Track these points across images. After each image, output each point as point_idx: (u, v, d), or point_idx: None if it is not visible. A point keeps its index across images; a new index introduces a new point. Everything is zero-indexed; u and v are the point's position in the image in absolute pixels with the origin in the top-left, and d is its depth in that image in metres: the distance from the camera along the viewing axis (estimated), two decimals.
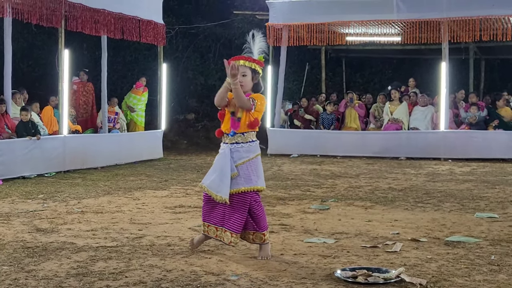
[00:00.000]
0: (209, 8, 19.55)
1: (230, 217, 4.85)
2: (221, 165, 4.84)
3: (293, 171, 11.31)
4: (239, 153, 4.84)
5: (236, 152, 4.84)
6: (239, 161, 4.83)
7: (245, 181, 4.83)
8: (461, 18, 13.37)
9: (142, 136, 13.65)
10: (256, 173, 4.90)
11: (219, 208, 4.89)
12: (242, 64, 4.86)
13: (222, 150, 4.90)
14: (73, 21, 11.25)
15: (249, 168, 4.85)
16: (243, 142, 4.86)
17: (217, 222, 4.90)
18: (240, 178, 4.82)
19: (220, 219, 4.89)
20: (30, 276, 4.30)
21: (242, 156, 4.85)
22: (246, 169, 4.85)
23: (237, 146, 4.86)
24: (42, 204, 7.45)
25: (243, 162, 4.84)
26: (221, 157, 4.87)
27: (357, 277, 4.21)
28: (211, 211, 4.94)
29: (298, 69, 19.35)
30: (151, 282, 4.16)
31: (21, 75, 16.17)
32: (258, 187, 4.89)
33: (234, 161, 4.83)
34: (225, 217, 4.87)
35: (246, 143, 4.87)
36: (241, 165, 4.84)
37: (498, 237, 5.61)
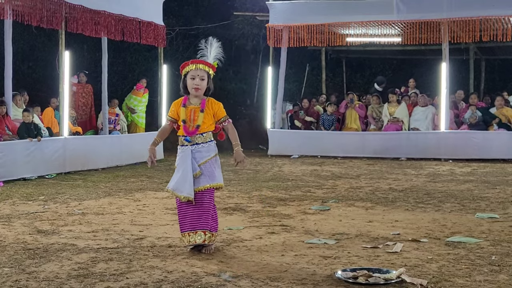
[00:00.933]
0: (209, 9, 19.56)
1: (201, 216, 4.96)
2: (183, 166, 4.98)
3: (293, 172, 11.31)
4: (201, 153, 5.02)
5: (198, 153, 5.02)
6: (201, 161, 5.01)
7: (209, 178, 4.99)
8: (461, 18, 13.37)
9: (143, 138, 13.61)
10: (218, 171, 5.09)
11: (191, 212, 4.98)
12: (201, 68, 5.04)
13: (183, 152, 5.04)
14: (73, 22, 11.25)
15: (212, 166, 5.03)
16: (203, 142, 5.04)
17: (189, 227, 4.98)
18: (205, 176, 4.99)
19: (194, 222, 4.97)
20: (31, 277, 4.30)
21: (204, 156, 5.02)
22: (210, 167, 5.02)
23: (197, 147, 5.02)
24: (43, 205, 7.45)
25: (206, 161, 5.01)
26: (182, 158, 5.02)
27: (357, 277, 4.22)
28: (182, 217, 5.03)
29: (298, 70, 19.35)
30: (152, 283, 4.16)
31: (21, 76, 16.17)
32: (221, 184, 5.08)
33: (197, 161, 4.99)
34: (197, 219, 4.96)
35: (206, 143, 5.05)
36: (204, 164, 5.00)
37: (499, 238, 5.61)
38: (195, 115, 5.03)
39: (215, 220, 5.11)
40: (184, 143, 5.04)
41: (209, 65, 5.09)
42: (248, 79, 19.72)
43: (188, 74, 5.05)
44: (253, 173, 10.90)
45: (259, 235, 5.77)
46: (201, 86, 5.03)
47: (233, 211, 7.08)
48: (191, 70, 5.04)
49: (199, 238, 4.93)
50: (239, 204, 7.55)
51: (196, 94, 5.06)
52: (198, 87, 5.02)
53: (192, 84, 5.02)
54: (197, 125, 5.01)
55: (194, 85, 5.02)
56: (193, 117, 5.04)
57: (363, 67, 20.13)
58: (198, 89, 5.03)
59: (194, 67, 5.04)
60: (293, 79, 19.12)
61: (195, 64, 5.05)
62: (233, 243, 5.42)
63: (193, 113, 5.04)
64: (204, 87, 5.06)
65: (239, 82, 19.67)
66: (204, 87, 5.05)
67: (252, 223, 6.38)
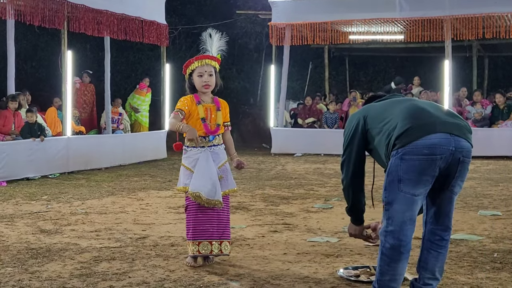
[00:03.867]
0: (211, 8, 19.56)
1: (226, 225, 4.68)
2: (208, 169, 4.61)
3: (296, 170, 11.31)
4: (218, 156, 4.71)
5: (216, 155, 4.70)
6: (219, 163, 4.70)
7: (228, 182, 4.74)
8: (464, 15, 13.34)
9: (146, 137, 13.66)
10: (231, 174, 4.81)
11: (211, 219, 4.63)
12: (208, 63, 4.75)
13: (201, 154, 4.64)
14: (75, 22, 11.26)
15: (228, 170, 4.77)
16: (220, 144, 4.76)
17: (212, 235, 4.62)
18: (225, 180, 4.71)
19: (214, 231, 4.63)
20: (34, 277, 4.31)
21: (221, 158, 4.73)
22: (226, 171, 4.75)
23: (215, 149, 4.71)
24: (46, 205, 7.47)
25: (223, 164, 4.73)
26: (203, 160, 4.62)
27: (360, 275, 4.22)
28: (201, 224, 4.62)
29: (301, 68, 19.34)
30: (154, 283, 4.17)
31: (24, 76, 16.20)
32: (236, 189, 4.85)
33: (216, 164, 4.67)
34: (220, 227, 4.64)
35: (221, 145, 4.78)
36: (221, 167, 4.72)
37: (501, 235, 5.61)
38: (212, 114, 4.72)
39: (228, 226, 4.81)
40: (207, 143, 4.66)
41: (214, 59, 4.81)
42: (251, 77, 19.72)
43: (195, 71, 4.73)
44: (256, 172, 10.90)
45: (261, 233, 5.78)
46: (211, 82, 4.72)
47: (236, 209, 7.08)
48: (197, 68, 4.72)
49: (225, 248, 4.63)
50: (242, 203, 7.56)
51: (206, 91, 4.75)
52: (208, 83, 4.71)
53: (202, 82, 4.71)
54: (217, 124, 4.71)
55: (204, 83, 4.71)
56: (210, 116, 4.72)
57: (366, 65, 20.11)
58: (208, 86, 4.73)
59: (200, 64, 4.72)
60: (296, 77, 19.11)
61: (200, 60, 4.74)
62: (235, 241, 5.41)
63: (210, 112, 4.72)
64: (214, 83, 4.76)
65: (242, 81, 19.67)
66: (213, 83, 4.76)
67: (255, 221, 6.39)
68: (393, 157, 3.41)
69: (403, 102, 3.64)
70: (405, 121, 3.43)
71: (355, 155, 3.69)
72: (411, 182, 3.36)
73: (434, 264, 3.59)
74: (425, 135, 3.35)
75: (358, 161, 3.71)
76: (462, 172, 3.48)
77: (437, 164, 3.35)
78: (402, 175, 3.36)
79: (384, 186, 3.46)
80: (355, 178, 3.74)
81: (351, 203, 3.86)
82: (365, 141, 3.66)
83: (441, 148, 3.34)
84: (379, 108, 3.67)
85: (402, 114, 3.49)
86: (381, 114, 3.59)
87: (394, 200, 3.40)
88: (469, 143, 3.45)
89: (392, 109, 3.59)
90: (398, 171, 3.37)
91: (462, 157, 3.40)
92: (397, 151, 3.38)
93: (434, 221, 3.59)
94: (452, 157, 3.37)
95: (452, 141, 3.36)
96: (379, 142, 3.54)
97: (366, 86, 19.13)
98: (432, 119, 3.43)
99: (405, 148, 3.36)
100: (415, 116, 3.46)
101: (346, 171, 3.74)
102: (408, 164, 3.34)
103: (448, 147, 3.35)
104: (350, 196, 3.82)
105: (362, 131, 3.64)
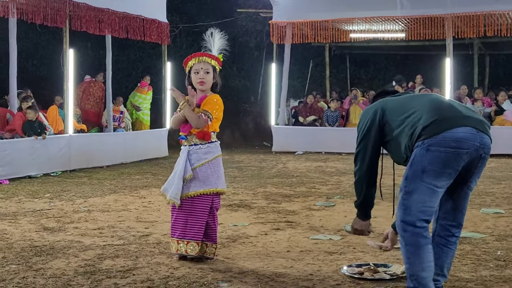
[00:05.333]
0: (212, 6, 19.56)
1: (193, 225, 4.63)
2: (176, 167, 4.70)
3: (298, 168, 11.32)
4: (197, 155, 4.65)
5: (194, 154, 4.66)
6: (197, 163, 4.65)
7: (203, 183, 4.64)
8: (465, 13, 13.34)
9: (147, 135, 13.68)
10: (217, 175, 4.70)
11: (182, 219, 4.65)
12: (205, 60, 4.73)
13: (181, 153, 4.75)
14: (77, 20, 11.28)
15: (208, 170, 4.66)
16: (202, 144, 4.68)
17: (179, 234, 4.64)
18: (197, 181, 4.63)
19: (181, 230, 4.65)
20: (38, 274, 4.32)
21: (200, 158, 4.65)
22: (205, 171, 4.65)
23: (195, 148, 4.67)
24: (49, 203, 7.48)
25: (202, 164, 4.65)
26: (179, 159, 4.71)
27: (363, 273, 4.23)
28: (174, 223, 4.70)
29: (302, 67, 19.35)
30: (158, 280, 4.18)
31: (25, 74, 16.21)
32: (218, 189, 4.69)
33: (192, 163, 4.64)
34: (188, 228, 4.63)
35: (204, 144, 4.68)
36: (199, 167, 4.65)
37: (504, 233, 5.61)
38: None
39: (213, 229, 4.71)
40: (183, 142, 4.73)
41: (213, 58, 4.78)
42: (252, 76, 19.73)
43: (192, 68, 4.72)
44: (257, 170, 10.91)
45: (264, 231, 5.79)
46: (206, 79, 4.68)
47: (238, 207, 7.09)
48: (194, 64, 4.71)
49: (191, 249, 4.60)
50: (244, 201, 7.56)
51: (201, 88, 4.72)
52: (203, 80, 4.68)
53: (197, 79, 4.69)
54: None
55: (199, 79, 4.69)
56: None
57: (367, 63, 20.12)
58: (203, 83, 4.68)
59: (197, 61, 4.71)
60: (297, 76, 19.12)
61: (197, 57, 4.74)
62: (238, 239, 5.43)
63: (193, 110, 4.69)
64: (210, 81, 4.72)
65: (243, 79, 19.68)
66: (209, 81, 4.71)
67: (257, 219, 6.40)
68: (418, 148, 3.40)
69: (425, 96, 3.66)
70: (431, 113, 3.43)
71: (371, 148, 3.67)
72: (434, 173, 3.35)
73: (443, 260, 3.60)
74: (453, 128, 3.35)
75: (374, 154, 3.69)
76: (481, 169, 3.49)
77: (463, 158, 3.36)
78: (427, 166, 3.36)
79: (406, 176, 3.46)
80: (369, 171, 3.73)
81: (363, 197, 3.84)
82: (381, 134, 3.65)
83: (468, 143, 3.34)
84: (398, 102, 3.68)
85: (427, 106, 3.49)
86: (402, 107, 3.59)
87: (415, 190, 3.39)
88: (490, 139, 3.46)
89: (413, 102, 3.59)
90: (423, 161, 3.37)
91: (484, 153, 3.42)
92: (423, 142, 3.37)
93: (448, 216, 3.60)
94: (476, 152, 3.38)
95: (477, 137, 3.37)
96: (400, 133, 3.53)
97: (367, 84, 19.14)
98: (457, 113, 3.44)
99: (432, 139, 3.35)
100: (441, 108, 3.46)
101: (361, 163, 3.72)
102: (433, 155, 3.34)
103: (474, 142, 3.35)
104: (363, 189, 3.80)
105: (380, 124, 3.63)
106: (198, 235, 4.61)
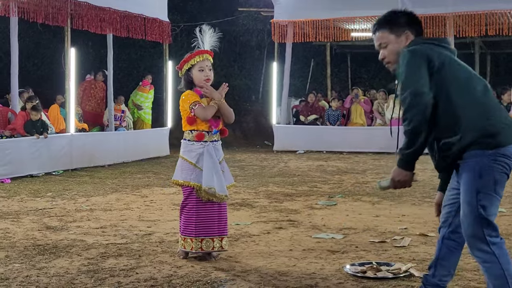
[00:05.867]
0: (213, 5, 19.56)
1: (225, 221, 4.72)
2: (213, 164, 4.66)
3: (299, 167, 11.32)
4: (219, 151, 4.75)
5: (217, 150, 4.72)
6: (220, 159, 4.74)
7: (228, 177, 4.80)
8: (467, 12, 13.34)
9: (149, 134, 13.69)
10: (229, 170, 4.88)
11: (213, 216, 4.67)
12: (208, 58, 4.77)
13: (204, 148, 4.65)
14: (78, 19, 11.28)
15: (226, 165, 4.84)
16: (219, 140, 4.79)
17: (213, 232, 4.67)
18: (225, 175, 4.75)
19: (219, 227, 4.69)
20: (41, 273, 4.33)
21: (221, 153, 4.78)
22: (225, 166, 4.82)
23: (216, 144, 4.74)
24: (51, 202, 7.49)
25: (223, 159, 4.79)
26: (208, 156, 4.65)
27: (366, 272, 4.23)
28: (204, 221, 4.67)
29: (303, 66, 19.36)
30: (161, 279, 4.19)
31: (26, 74, 16.21)
32: (234, 184, 4.95)
33: (217, 159, 4.71)
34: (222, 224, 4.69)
35: (220, 141, 4.80)
36: (221, 162, 4.76)
37: (506, 231, 5.61)
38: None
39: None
40: (210, 137, 4.67)
41: (212, 55, 4.83)
42: (253, 75, 19.73)
43: (195, 66, 4.70)
44: (259, 169, 10.92)
45: (266, 230, 5.80)
46: (210, 76, 4.72)
47: (240, 206, 7.10)
48: (198, 62, 4.70)
49: (225, 244, 4.69)
50: (246, 200, 7.57)
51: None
52: (209, 77, 4.71)
53: (203, 76, 4.69)
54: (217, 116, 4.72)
55: (206, 77, 4.69)
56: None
57: (368, 62, 20.10)
58: (209, 80, 4.72)
59: (201, 58, 4.72)
60: (298, 75, 19.12)
61: (201, 55, 4.75)
62: (241, 238, 5.44)
63: None
64: (212, 78, 4.77)
65: (244, 78, 19.69)
66: (212, 78, 4.76)
67: (260, 218, 6.41)
68: (484, 157, 3.13)
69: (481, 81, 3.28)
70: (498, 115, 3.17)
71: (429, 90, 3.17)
72: (502, 185, 3.18)
73: (453, 262, 3.58)
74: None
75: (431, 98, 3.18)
76: None
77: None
78: (498, 177, 3.15)
79: (477, 189, 3.15)
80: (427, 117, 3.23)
81: (419, 145, 3.38)
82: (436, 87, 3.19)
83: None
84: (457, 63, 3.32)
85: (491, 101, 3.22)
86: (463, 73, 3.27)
87: (491, 203, 3.18)
88: None
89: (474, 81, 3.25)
90: (494, 173, 3.14)
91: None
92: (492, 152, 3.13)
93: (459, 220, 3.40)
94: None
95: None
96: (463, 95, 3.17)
97: (368, 83, 19.13)
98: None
99: (500, 150, 3.13)
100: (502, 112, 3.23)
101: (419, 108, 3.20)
102: (501, 166, 3.15)
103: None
104: (419, 138, 3.33)
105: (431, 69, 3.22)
106: (226, 230, 4.76)
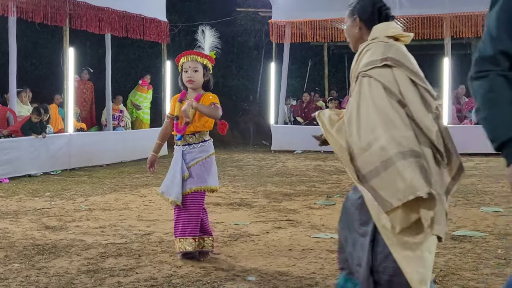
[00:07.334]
0: (211, 5, 19.56)
1: (190, 222, 4.68)
2: (173, 168, 4.73)
3: (297, 167, 11.34)
4: (192, 154, 4.72)
5: (189, 154, 4.71)
6: (191, 162, 4.71)
7: (198, 180, 4.70)
8: (463, 13, 13.39)
9: (147, 134, 13.65)
10: (208, 172, 4.76)
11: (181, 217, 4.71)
12: (193, 59, 4.73)
13: (175, 153, 4.81)
14: (77, 19, 11.28)
15: (202, 168, 4.73)
16: (195, 143, 4.74)
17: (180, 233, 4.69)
18: (192, 178, 4.69)
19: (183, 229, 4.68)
20: (41, 273, 4.34)
21: (195, 157, 4.72)
22: (199, 169, 4.71)
23: (189, 148, 4.72)
24: (50, 201, 7.49)
25: (196, 163, 4.71)
26: (174, 159, 4.76)
27: None
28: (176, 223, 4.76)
29: (301, 66, 19.37)
30: (161, 278, 4.20)
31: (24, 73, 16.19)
32: (210, 186, 4.76)
33: (187, 163, 4.70)
34: (186, 225, 4.69)
35: (198, 144, 4.74)
36: (193, 165, 4.71)
37: (504, 231, 5.64)
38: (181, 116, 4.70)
39: (205, 223, 4.81)
40: (177, 142, 4.75)
41: (203, 56, 4.78)
42: (251, 75, 19.74)
43: (182, 67, 4.75)
44: (257, 169, 10.93)
45: (266, 230, 5.81)
46: (194, 78, 4.69)
47: (239, 206, 7.12)
48: (184, 63, 4.73)
49: (189, 245, 4.62)
50: (245, 199, 7.59)
51: (191, 87, 4.75)
52: (191, 79, 4.68)
53: (185, 77, 4.71)
54: (186, 122, 4.68)
55: (187, 78, 4.70)
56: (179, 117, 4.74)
57: None
58: (191, 81, 4.70)
59: (186, 59, 4.73)
60: (295, 75, 19.15)
61: (186, 56, 4.75)
62: (240, 238, 5.46)
63: None
64: (199, 80, 4.72)
65: (242, 78, 19.69)
66: (198, 80, 4.71)
67: (259, 218, 6.42)
68: None
69: None
70: None
71: None
72: None
73: None
74: None
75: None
76: None
77: None
78: None
79: None
80: None
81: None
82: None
83: None
84: None
85: None
86: None
87: None
88: None
89: None
90: None
91: None
92: None
93: None
94: None
95: None
96: None
97: None
98: None
99: None
100: None
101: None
102: None
103: None
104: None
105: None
106: (194, 231, 4.66)
